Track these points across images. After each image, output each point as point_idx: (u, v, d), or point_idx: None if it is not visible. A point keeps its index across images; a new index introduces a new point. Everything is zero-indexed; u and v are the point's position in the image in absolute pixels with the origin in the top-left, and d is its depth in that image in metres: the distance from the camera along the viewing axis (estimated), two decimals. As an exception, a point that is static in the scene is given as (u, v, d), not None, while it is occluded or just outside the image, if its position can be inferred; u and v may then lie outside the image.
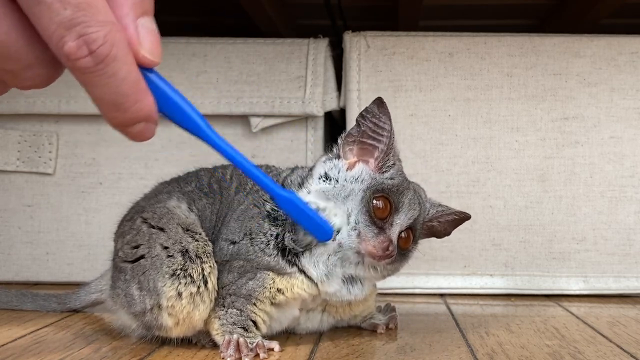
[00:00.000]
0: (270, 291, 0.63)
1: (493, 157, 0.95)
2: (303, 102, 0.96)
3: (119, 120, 0.39)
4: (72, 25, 0.35)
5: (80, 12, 0.35)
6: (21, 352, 0.63)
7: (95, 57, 0.36)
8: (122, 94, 0.38)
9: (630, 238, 0.94)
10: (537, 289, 0.93)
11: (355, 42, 0.97)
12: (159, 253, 0.62)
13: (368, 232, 0.61)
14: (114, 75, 0.37)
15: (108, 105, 0.38)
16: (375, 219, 0.61)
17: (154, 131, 0.41)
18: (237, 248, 0.64)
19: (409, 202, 0.64)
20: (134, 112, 0.39)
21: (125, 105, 0.38)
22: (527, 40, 0.97)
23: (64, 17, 0.35)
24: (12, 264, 0.98)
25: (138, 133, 0.40)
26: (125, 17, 0.38)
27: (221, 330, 0.63)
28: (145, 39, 0.39)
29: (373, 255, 0.61)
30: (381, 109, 0.62)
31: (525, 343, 0.67)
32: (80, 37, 0.35)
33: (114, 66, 0.37)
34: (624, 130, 0.95)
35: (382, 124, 0.62)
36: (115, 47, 0.36)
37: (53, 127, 0.99)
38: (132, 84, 0.38)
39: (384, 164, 0.63)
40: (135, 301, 0.63)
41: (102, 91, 0.37)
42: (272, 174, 0.69)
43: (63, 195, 0.99)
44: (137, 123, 0.40)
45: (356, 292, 0.65)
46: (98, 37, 0.35)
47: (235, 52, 0.99)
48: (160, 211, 0.66)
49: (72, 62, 0.36)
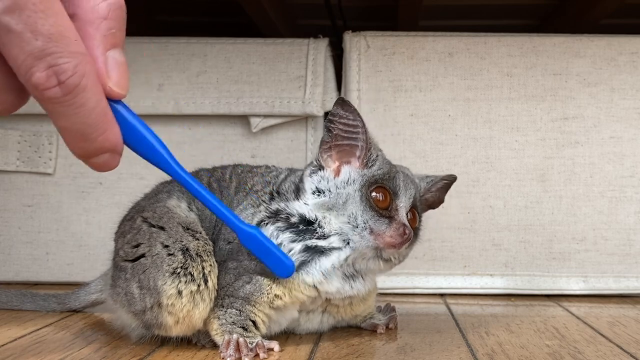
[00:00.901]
0: (268, 296, 0.63)
1: (493, 157, 0.95)
2: (303, 102, 0.96)
3: (85, 150, 0.39)
4: (42, 55, 0.35)
5: (51, 42, 0.35)
6: (21, 352, 0.63)
7: (65, 87, 0.36)
8: (90, 124, 0.38)
9: (630, 238, 0.94)
10: (537, 289, 0.93)
11: (355, 42, 0.97)
12: (160, 252, 0.62)
13: (380, 226, 0.61)
14: (82, 105, 0.37)
15: (75, 135, 0.38)
16: (380, 210, 0.62)
17: (118, 162, 0.41)
18: (230, 247, 0.64)
19: (404, 183, 0.65)
20: (101, 143, 0.39)
21: (93, 136, 0.39)
22: (527, 40, 0.97)
23: (35, 47, 0.35)
24: (12, 264, 0.98)
25: (103, 163, 0.40)
26: (95, 49, 0.38)
27: (220, 330, 0.63)
28: (113, 72, 0.39)
29: (393, 245, 0.61)
30: (345, 108, 0.62)
31: (525, 343, 0.67)
32: (50, 68, 0.35)
33: (83, 96, 0.37)
34: (624, 130, 0.95)
35: (352, 122, 0.63)
36: (85, 77, 0.36)
37: (53, 127, 0.99)
38: (99, 115, 0.38)
39: (368, 159, 0.63)
40: (136, 300, 0.63)
41: (69, 121, 0.37)
42: (273, 174, 0.69)
43: (63, 195, 0.99)
44: (103, 154, 0.40)
45: (358, 287, 0.65)
46: (68, 67, 0.35)
47: (235, 52, 0.99)
48: (161, 210, 0.66)
49: (41, 92, 0.36)
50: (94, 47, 0.38)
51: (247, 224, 0.58)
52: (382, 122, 0.95)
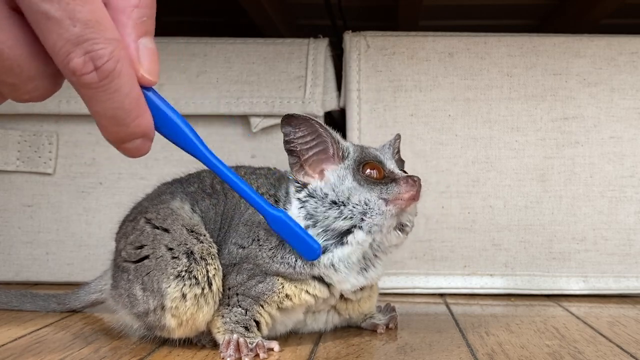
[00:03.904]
0: (279, 296, 0.63)
1: (493, 157, 0.95)
2: (303, 102, 0.96)
3: (119, 135, 0.40)
4: (80, 41, 0.36)
5: (88, 29, 0.36)
6: (21, 352, 0.63)
7: (101, 72, 0.37)
8: (124, 109, 0.39)
9: (630, 238, 0.94)
10: (537, 289, 0.93)
11: (355, 42, 0.97)
12: (164, 254, 0.62)
13: (391, 191, 0.62)
14: (116, 91, 0.38)
15: (109, 121, 0.39)
16: (382, 180, 0.62)
17: (149, 147, 0.42)
18: (246, 253, 0.64)
19: (378, 152, 0.66)
20: (134, 128, 0.40)
21: (126, 121, 0.39)
22: (527, 40, 0.97)
23: (73, 33, 0.35)
24: (12, 264, 0.98)
25: (135, 148, 0.41)
26: (127, 36, 0.39)
27: (223, 328, 0.63)
28: (144, 59, 0.40)
29: (413, 196, 0.61)
30: (293, 122, 0.61)
31: (525, 343, 0.67)
32: (87, 54, 0.36)
33: (118, 82, 0.38)
34: (624, 130, 0.95)
35: (308, 130, 0.62)
36: (120, 63, 0.37)
37: (53, 127, 0.99)
38: (133, 100, 0.39)
39: (342, 151, 0.63)
40: (139, 301, 0.63)
41: (104, 106, 0.38)
42: (275, 176, 0.69)
43: (63, 195, 0.99)
44: (135, 139, 0.41)
45: (372, 275, 0.65)
46: (104, 53, 0.36)
47: (235, 52, 0.99)
48: (165, 212, 0.66)
49: (78, 77, 0.36)
50: (126, 34, 0.39)
51: (274, 207, 0.59)
52: (382, 122, 0.95)
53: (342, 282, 0.64)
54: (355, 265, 0.64)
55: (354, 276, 0.64)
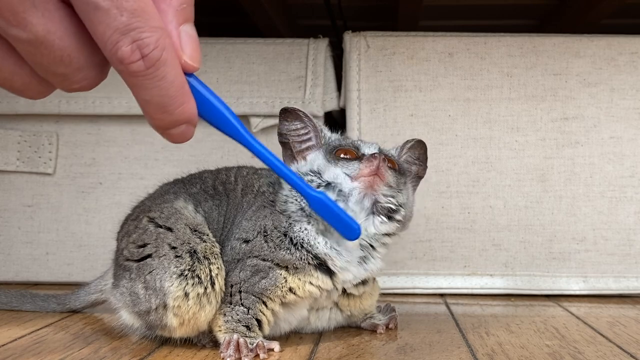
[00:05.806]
0: (282, 290, 0.63)
1: (493, 157, 0.95)
2: (303, 102, 0.96)
3: (164, 122, 0.41)
4: (127, 30, 0.36)
5: (135, 18, 0.36)
6: (21, 352, 0.63)
7: (147, 60, 0.37)
8: (169, 96, 0.39)
9: (630, 238, 0.94)
10: (537, 289, 0.93)
11: (355, 42, 0.97)
12: (167, 253, 0.62)
13: (353, 167, 0.63)
14: (163, 78, 0.38)
15: (155, 108, 0.40)
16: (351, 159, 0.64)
17: (193, 133, 0.43)
18: (250, 246, 0.64)
19: (359, 140, 0.68)
20: (179, 114, 0.41)
21: (171, 108, 0.40)
22: (527, 40, 0.97)
23: (120, 22, 0.36)
24: (12, 264, 0.98)
25: (180, 134, 0.42)
26: (169, 24, 0.39)
27: (225, 327, 0.63)
28: (186, 45, 0.40)
29: (372, 172, 0.62)
30: (288, 117, 0.66)
31: (525, 343, 0.67)
32: (134, 42, 0.36)
33: (164, 70, 0.38)
34: (624, 130, 0.95)
35: (300, 124, 0.66)
36: (165, 51, 0.38)
37: (53, 127, 0.99)
38: (178, 87, 0.40)
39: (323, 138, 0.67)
40: (140, 300, 0.63)
41: (150, 94, 0.39)
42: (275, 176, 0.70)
43: (63, 195, 0.99)
44: (180, 125, 0.41)
45: (371, 267, 0.66)
46: (150, 42, 0.37)
47: (235, 52, 0.99)
48: (168, 211, 0.66)
49: (125, 65, 0.37)
50: (168, 22, 0.39)
51: (315, 189, 0.59)
52: (382, 122, 0.95)
53: (343, 272, 0.64)
54: (354, 251, 0.64)
55: (354, 266, 0.64)
